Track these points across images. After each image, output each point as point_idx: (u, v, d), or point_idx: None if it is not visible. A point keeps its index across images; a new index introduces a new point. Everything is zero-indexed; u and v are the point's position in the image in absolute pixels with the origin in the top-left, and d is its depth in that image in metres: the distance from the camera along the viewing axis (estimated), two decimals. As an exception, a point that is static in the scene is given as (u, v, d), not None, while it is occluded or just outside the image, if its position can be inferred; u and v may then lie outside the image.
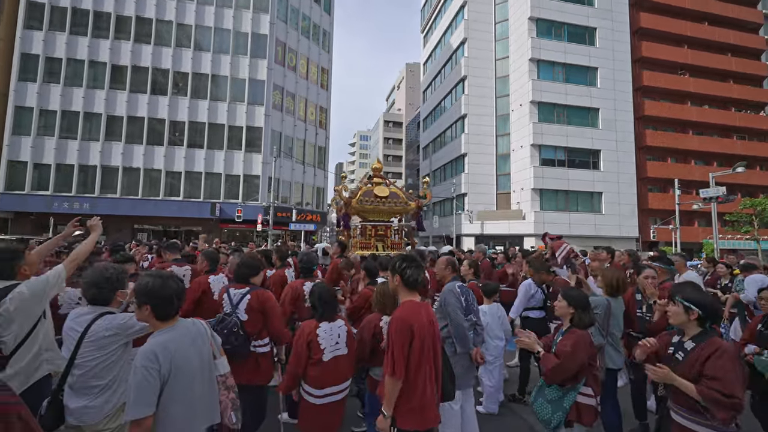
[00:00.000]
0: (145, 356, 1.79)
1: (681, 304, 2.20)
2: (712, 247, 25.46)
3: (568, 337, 2.65)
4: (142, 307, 1.90)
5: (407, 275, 2.36)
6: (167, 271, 2.08)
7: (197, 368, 1.94)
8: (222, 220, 25.12)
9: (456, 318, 3.27)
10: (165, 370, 1.79)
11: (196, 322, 2.11)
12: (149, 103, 24.50)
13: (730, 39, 33.87)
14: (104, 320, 2.38)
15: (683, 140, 31.90)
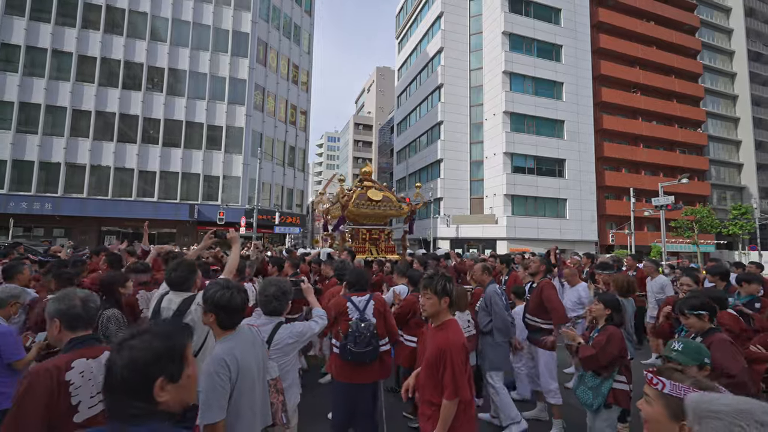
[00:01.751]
0: (217, 362, 1.85)
1: (692, 316, 2.73)
2: (659, 249, 28.41)
3: (602, 333, 3.21)
4: (208, 315, 1.99)
5: (454, 297, 2.43)
6: (235, 282, 2.14)
7: (256, 373, 2.02)
8: (199, 223, 24.24)
9: (501, 314, 4.11)
10: (234, 376, 1.86)
11: (252, 328, 2.21)
12: (120, 99, 23.12)
13: (674, 63, 37.72)
14: (285, 329, 2.70)
15: (635, 152, 35.09)
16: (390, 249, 12.77)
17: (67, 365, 1.77)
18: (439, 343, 2.26)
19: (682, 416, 1.13)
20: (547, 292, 4.08)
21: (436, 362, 2.25)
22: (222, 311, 1.97)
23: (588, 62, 33.69)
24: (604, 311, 3.31)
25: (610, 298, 3.41)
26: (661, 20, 38.16)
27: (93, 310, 2.00)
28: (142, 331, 1.09)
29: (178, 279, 2.82)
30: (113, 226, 23.79)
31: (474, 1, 35.08)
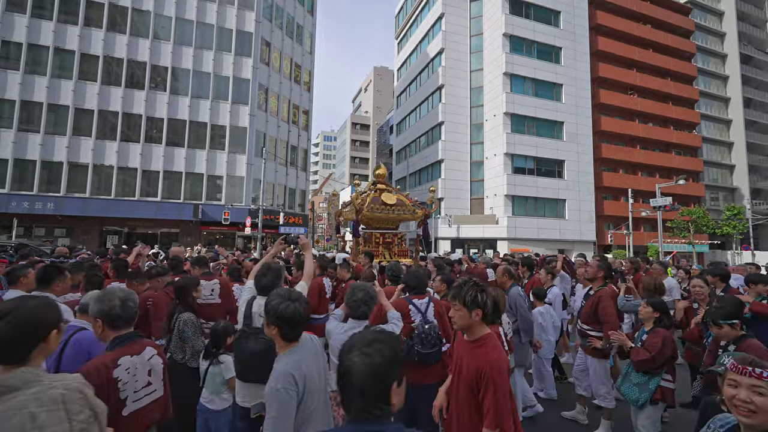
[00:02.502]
0: (284, 378, 1.76)
1: (726, 325, 2.84)
2: (656, 249, 28.92)
3: (655, 335, 3.31)
4: (271, 327, 1.93)
5: (490, 310, 2.13)
6: (297, 293, 2.06)
7: (319, 385, 1.95)
8: (202, 223, 24.16)
9: (526, 315, 4.33)
10: (301, 390, 1.79)
11: (313, 338, 2.11)
12: (123, 97, 22.94)
13: (670, 66, 38.36)
14: None
15: (632, 154, 35.64)
16: (403, 253, 12.85)
17: (114, 363, 1.87)
18: (479, 363, 2.01)
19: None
20: (603, 304, 4.08)
21: (475, 384, 2.01)
22: (286, 323, 1.89)
23: (587, 64, 34.12)
24: (652, 314, 3.43)
25: (658, 301, 3.54)
26: (658, 23, 38.76)
27: (131, 310, 2.05)
28: (372, 340, 1.22)
29: (268, 284, 2.94)
30: (115, 226, 23.62)
31: (474, 3, 35.31)
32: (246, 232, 21.47)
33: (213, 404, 3.05)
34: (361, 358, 1.16)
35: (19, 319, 1.33)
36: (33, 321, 1.35)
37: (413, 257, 12.06)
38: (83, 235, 22.67)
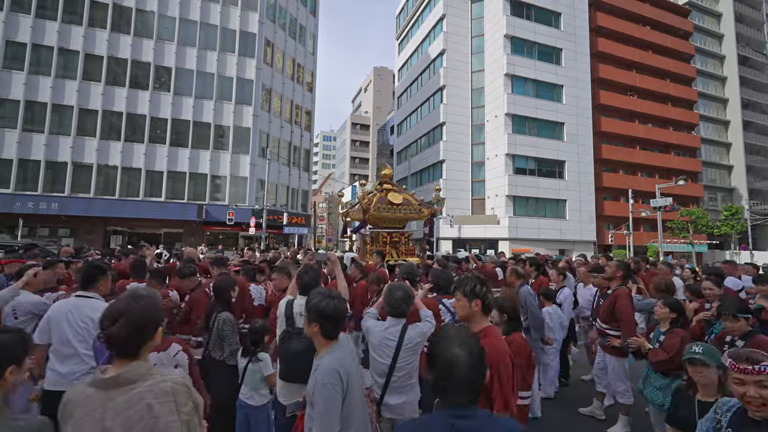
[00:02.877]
0: (330, 374, 1.81)
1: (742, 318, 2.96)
2: (655, 249, 29.17)
3: (673, 336, 3.34)
4: (312, 324, 1.97)
5: (488, 300, 2.28)
6: (337, 292, 2.12)
7: (358, 382, 1.99)
8: (206, 223, 24.25)
9: (536, 312, 4.48)
10: (345, 387, 1.85)
11: (348, 337, 2.17)
12: (128, 98, 23.01)
13: (669, 67, 38.65)
14: (412, 329, 2.95)
15: (632, 154, 35.90)
16: (410, 252, 12.97)
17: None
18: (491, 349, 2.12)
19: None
20: (621, 302, 4.20)
21: None
22: (327, 321, 1.95)
23: (587, 65, 34.35)
24: (669, 314, 3.47)
25: (674, 302, 3.59)
26: (657, 25, 39.04)
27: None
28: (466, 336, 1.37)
29: (309, 281, 3.07)
30: (119, 226, 23.69)
31: (476, 4, 35.49)
32: (250, 232, 21.57)
33: (252, 400, 3.19)
34: (465, 351, 1.30)
35: (131, 320, 1.47)
36: (143, 320, 1.49)
37: (420, 256, 12.22)
38: (87, 235, 22.71)
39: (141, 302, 1.53)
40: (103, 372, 1.43)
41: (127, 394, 1.37)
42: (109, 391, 1.37)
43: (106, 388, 1.38)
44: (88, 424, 1.33)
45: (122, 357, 1.46)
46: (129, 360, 1.46)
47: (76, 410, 1.36)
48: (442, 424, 1.22)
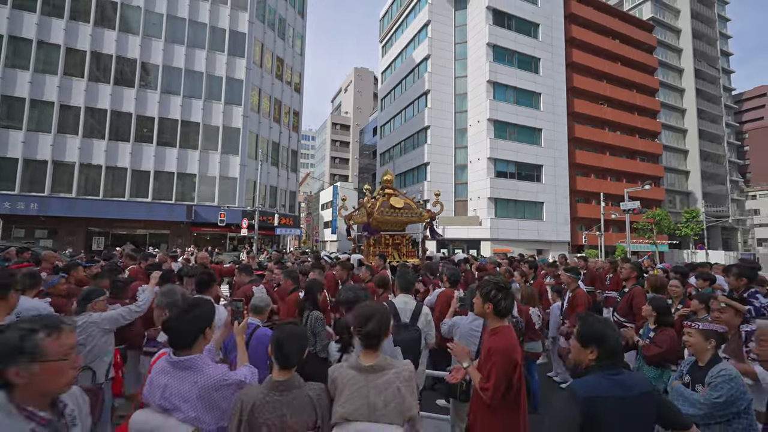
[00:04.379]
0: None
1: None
2: (623, 249, 31.36)
3: (662, 333, 3.59)
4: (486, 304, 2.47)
5: (501, 305, 2.46)
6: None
7: None
8: (194, 224, 23.91)
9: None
10: None
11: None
12: (112, 95, 22.33)
13: (635, 78, 41.34)
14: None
15: (602, 160, 38.19)
16: (411, 253, 13.70)
17: None
18: (490, 345, 2.39)
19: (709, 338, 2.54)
20: (637, 299, 4.93)
21: (484, 362, 2.38)
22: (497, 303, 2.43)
23: (563, 75, 36.22)
24: (651, 312, 3.79)
25: (657, 302, 3.97)
26: (625, 39, 41.66)
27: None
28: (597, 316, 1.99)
29: (408, 283, 3.61)
30: (101, 227, 22.94)
31: (459, 12, 36.57)
32: (242, 233, 21.52)
33: None
34: (611, 328, 1.90)
35: (382, 320, 1.99)
36: (388, 320, 2.01)
37: (420, 257, 12.90)
38: (67, 236, 21.89)
39: (384, 306, 2.06)
40: (363, 360, 1.96)
41: (382, 378, 1.91)
42: (368, 375, 1.91)
43: (366, 372, 1.92)
44: (357, 398, 1.86)
45: (370, 349, 1.99)
46: (374, 351, 1.99)
47: (345, 387, 1.89)
48: (605, 378, 1.83)
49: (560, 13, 36.75)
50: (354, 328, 2.06)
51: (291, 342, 1.92)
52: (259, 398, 1.80)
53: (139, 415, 1.88)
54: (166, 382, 1.85)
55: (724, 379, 2.38)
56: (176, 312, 1.96)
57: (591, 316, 2.03)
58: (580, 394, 1.76)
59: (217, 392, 1.87)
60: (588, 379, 1.84)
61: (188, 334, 1.92)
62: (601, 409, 1.74)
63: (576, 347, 1.96)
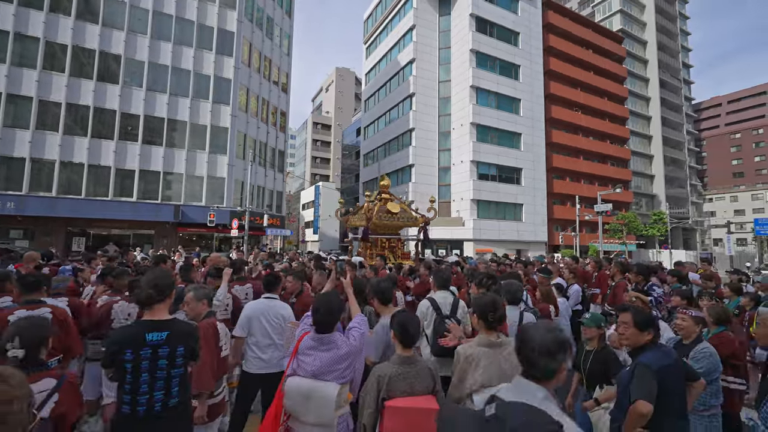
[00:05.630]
0: None
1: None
2: (595, 248, 33.20)
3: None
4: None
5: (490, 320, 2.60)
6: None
7: None
8: (180, 224, 23.52)
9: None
10: None
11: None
12: (95, 91, 21.64)
13: (607, 86, 43.64)
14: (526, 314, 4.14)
15: (577, 164, 40.13)
16: (405, 256, 14.34)
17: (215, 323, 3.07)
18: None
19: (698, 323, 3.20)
20: (618, 290, 5.87)
21: None
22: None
23: (541, 82, 37.81)
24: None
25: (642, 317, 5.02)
26: (597, 49, 43.90)
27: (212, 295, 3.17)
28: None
29: (445, 281, 4.12)
30: (82, 227, 22.20)
31: (443, 18, 37.46)
32: (232, 234, 21.41)
33: None
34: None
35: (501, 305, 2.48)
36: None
37: (414, 259, 13.51)
38: (44, 236, 21.07)
39: (497, 296, 2.56)
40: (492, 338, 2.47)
41: (506, 350, 2.43)
42: (496, 349, 2.42)
43: (494, 347, 2.44)
44: (492, 367, 2.38)
45: (492, 329, 2.50)
46: (495, 331, 2.50)
47: (482, 359, 2.39)
48: (659, 352, 2.41)
49: (538, 22, 38.33)
50: (476, 314, 2.57)
51: (413, 325, 2.41)
52: (392, 372, 2.33)
53: (292, 381, 2.40)
54: (315, 354, 2.41)
55: (704, 354, 3.07)
56: (325, 311, 2.42)
57: (639, 309, 2.63)
58: (653, 367, 2.34)
59: (351, 355, 2.46)
60: (652, 355, 2.44)
61: (334, 323, 2.49)
62: (666, 374, 2.35)
63: (634, 333, 2.55)
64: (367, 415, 2.32)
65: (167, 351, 2.25)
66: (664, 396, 2.35)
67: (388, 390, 2.29)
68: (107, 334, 3.78)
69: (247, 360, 3.64)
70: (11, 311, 3.19)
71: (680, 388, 2.48)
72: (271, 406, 2.45)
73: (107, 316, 3.77)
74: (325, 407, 2.32)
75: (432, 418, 2.29)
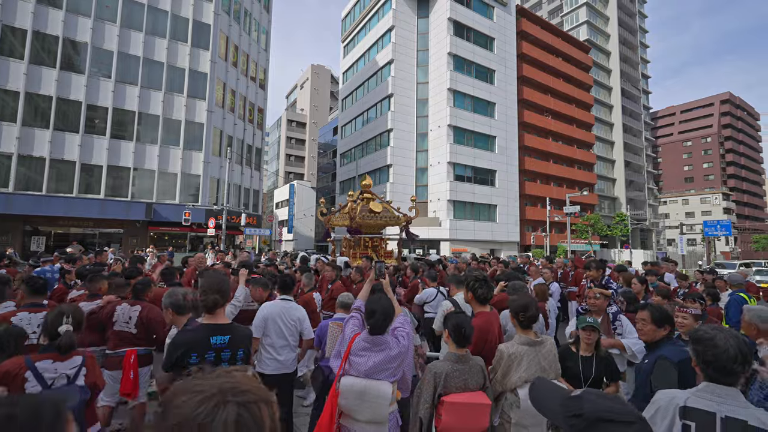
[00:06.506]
0: None
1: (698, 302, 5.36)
2: (564, 248, 34.75)
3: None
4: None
5: (479, 293, 3.27)
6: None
7: None
8: (151, 223, 22.53)
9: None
10: None
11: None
12: (59, 81, 20.31)
13: (574, 94, 45.67)
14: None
15: (547, 167, 41.75)
16: (388, 254, 14.54)
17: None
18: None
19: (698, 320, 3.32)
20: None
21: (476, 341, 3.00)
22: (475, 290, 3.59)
23: (514, 87, 39.04)
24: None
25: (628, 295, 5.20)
26: (566, 57, 45.85)
27: (190, 302, 2.97)
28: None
29: (461, 282, 4.28)
30: (43, 225, 20.78)
31: (421, 20, 37.90)
32: (209, 233, 20.75)
33: None
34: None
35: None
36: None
37: (396, 258, 13.72)
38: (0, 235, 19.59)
39: (533, 297, 2.71)
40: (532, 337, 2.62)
41: (545, 348, 2.59)
42: (537, 347, 2.58)
43: (534, 345, 2.59)
44: (533, 364, 2.53)
45: (529, 328, 2.65)
46: (531, 330, 2.66)
47: (523, 358, 2.54)
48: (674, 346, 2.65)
49: (513, 30, 39.56)
50: (517, 314, 2.71)
51: (468, 326, 2.54)
52: (448, 369, 2.46)
53: (346, 380, 2.46)
54: (368, 355, 2.48)
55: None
56: (381, 314, 2.50)
57: (657, 305, 2.88)
58: (674, 360, 2.57)
59: (402, 355, 2.54)
60: (671, 348, 2.67)
61: (388, 325, 2.58)
62: (684, 367, 2.57)
63: (652, 329, 2.79)
64: (423, 409, 2.42)
65: (229, 354, 2.27)
66: (682, 386, 2.59)
67: (445, 386, 2.40)
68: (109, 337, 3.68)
69: (262, 361, 3.63)
70: (13, 313, 3.26)
71: (694, 379, 2.73)
72: (326, 405, 2.50)
73: (109, 319, 3.68)
74: (379, 405, 2.40)
75: (486, 412, 2.43)
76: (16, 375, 2.11)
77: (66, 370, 2.26)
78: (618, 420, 0.85)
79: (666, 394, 1.60)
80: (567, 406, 0.93)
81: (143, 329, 3.67)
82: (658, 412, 1.57)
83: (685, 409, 1.50)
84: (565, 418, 0.92)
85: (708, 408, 1.46)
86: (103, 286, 4.24)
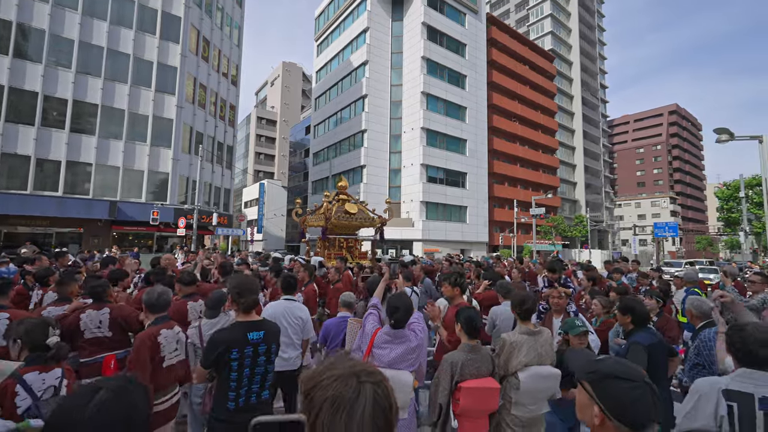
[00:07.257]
0: None
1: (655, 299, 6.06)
2: (529, 248, 36.38)
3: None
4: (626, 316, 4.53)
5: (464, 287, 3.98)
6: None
7: None
8: (115, 222, 21.45)
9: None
10: None
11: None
12: (11, 69, 18.87)
13: (540, 101, 47.81)
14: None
15: (515, 170, 43.45)
16: (363, 255, 14.82)
17: (157, 332, 2.86)
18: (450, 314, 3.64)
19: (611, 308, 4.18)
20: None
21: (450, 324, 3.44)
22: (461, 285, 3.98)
23: (484, 92, 40.33)
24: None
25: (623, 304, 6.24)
26: (533, 65, 47.92)
27: (164, 301, 2.99)
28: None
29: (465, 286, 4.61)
30: (-8, 224, 19.28)
31: (396, 23, 38.34)
32: (179, 233, 20.04)
33: None
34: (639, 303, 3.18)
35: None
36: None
37: (371, 259, 14.02)
38: (-59, 235, 18.00)
39: (531, 293, 3.04)
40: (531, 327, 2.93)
41: (542, 337, 2.92)
42: (535, 336, 2.90)
43: (532, 334, 2.91)
44: (532, 351, 2.85)
45: (528, 320, 2.97)
46: (530, 321, 2.98)
47: (523, 345, 2.85)
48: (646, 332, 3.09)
49: (483, 37, 40.86)
50: (518, 307, 3.02)
51: (478, 319, 2.82)
52: (464, 358, 2.72)
53: None
54: (390, 347, 2.72)
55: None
56: (403, 310, 2.73)
57: (633, 298, 3.31)
58: (645, 344, 2.97)
59: (420, 347, 2.77)
60: (643, 335, 3.09)
61: (408, 320, 2.81)
62: (654, 350, 2.98)
63: (620, 317, 3.26)
64: (442, 395, 2.68)
65: (265, 348, 2.42)
66: (651, 366, 2.98)
67: (461, 374, 2.67)
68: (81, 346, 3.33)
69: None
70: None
71: (663, 361, 3.15)
72: None
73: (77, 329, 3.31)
74: (402, 392, 2.64)
75: (496, 395, 2.73)
76: (5, 388, 2.07)
77: (52, 381, 2.22)
78: (624, 377, 1.12)
79: (706, 381, 1.78)
80: (590, 363, 1.24)
81: (118, 330, 3.44)
82: (701, 399, 1.73)
83: (727, 392, 1.69)
84: (587, 373, 1.20)
85: (746, 390, 1.66)
86: (74, 289, 4.03)
